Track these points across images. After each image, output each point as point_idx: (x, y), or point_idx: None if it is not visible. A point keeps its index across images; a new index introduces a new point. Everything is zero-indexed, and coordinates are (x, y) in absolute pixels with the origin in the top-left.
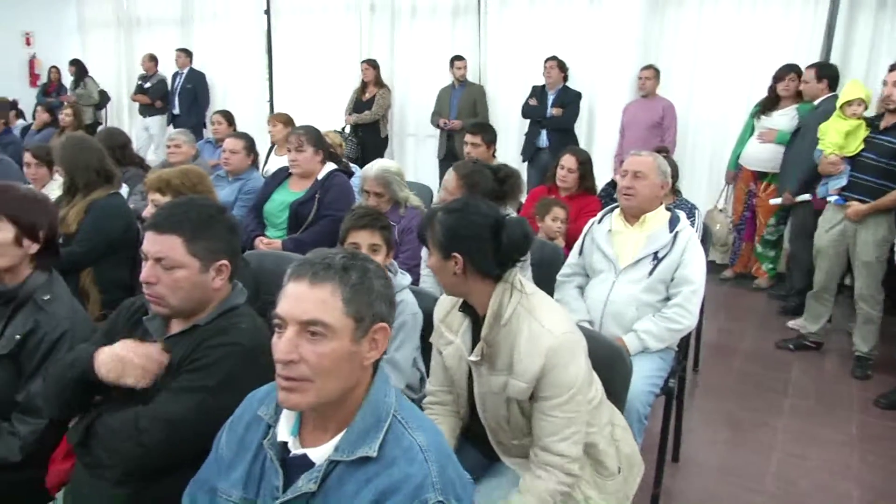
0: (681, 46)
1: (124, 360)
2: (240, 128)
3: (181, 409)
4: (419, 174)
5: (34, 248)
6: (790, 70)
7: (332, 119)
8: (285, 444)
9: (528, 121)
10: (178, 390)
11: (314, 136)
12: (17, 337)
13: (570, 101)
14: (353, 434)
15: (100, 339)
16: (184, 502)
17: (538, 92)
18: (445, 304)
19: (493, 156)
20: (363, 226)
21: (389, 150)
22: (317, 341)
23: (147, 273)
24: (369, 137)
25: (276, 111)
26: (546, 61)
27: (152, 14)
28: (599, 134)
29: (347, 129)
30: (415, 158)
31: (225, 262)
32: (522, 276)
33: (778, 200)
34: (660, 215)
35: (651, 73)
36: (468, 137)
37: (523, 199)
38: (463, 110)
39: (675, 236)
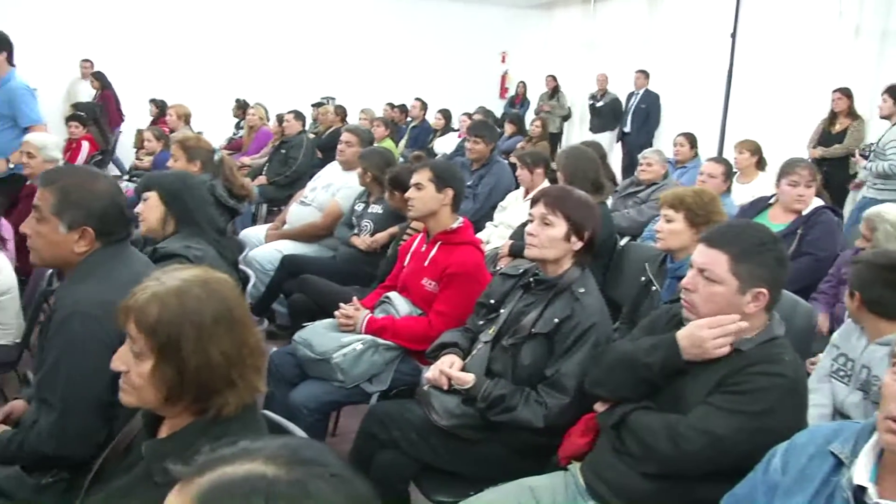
0: None
1: (702, 329)
2: None
3: (721, 427)
4: None
5: (578, 245)
6: None
7: (792, 150)
8: (861, 488)
9: None
10: (719, 408)
11: (815, 173)
12: (556, 320)
13: None
14: None
15: (640, 336)
16: None
17: None
18: None
19: None
20: None
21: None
22: None
23: (688, 280)
24: (835, 173)
25: (727, 137)
26: None
27: (616, 35)
28: None
29: None
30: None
31: (764, 290)
32: None
33: None
34: None
35: None
36: None
37: None
38: None
39: None
